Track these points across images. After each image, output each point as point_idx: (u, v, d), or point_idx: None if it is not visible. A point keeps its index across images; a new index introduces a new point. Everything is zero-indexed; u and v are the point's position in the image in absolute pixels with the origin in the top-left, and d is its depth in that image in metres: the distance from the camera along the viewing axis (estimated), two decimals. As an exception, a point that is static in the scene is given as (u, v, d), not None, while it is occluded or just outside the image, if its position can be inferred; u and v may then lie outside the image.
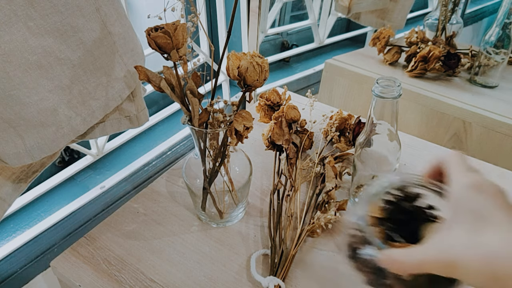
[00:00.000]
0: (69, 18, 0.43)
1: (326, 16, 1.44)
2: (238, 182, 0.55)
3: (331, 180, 0.59)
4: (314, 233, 0.56)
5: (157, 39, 0.41)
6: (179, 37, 0.42)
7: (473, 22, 1.91)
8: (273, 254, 0.52)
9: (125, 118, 0.57)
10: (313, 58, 1.56)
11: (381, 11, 1.24)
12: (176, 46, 0.42)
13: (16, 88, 0.41)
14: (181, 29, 0.42)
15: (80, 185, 0.92)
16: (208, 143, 0.50)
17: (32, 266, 0.77)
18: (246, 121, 0.47)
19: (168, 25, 0.41)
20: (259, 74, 0.45)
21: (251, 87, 0.47)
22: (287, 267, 0.51)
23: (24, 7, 0.40)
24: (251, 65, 0.44)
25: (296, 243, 0.53)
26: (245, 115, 0.48)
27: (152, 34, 0.41)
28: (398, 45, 1.02)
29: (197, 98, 0.46)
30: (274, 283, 0.48)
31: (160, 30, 0.41)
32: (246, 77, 0.45)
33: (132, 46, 0.53)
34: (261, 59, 0.45)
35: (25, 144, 0.45)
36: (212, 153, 0.51)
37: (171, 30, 0.41)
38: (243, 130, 0.47)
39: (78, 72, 0.47)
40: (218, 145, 0.51)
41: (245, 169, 0.56)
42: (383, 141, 0.56)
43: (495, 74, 0.94)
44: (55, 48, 0.43)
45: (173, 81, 0.45)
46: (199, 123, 0.48)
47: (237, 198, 0.56)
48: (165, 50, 0.42)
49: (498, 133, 0.83)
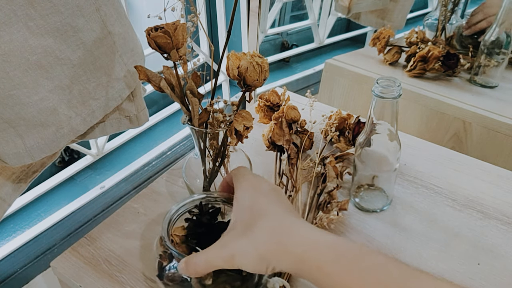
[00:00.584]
0: (69, 18, 0.43)
1: (326, 16, 1.44)
2: None
3: (333, 180, 0.59)
4: (314, 233, 0.56)
5: (157, 39, 0.41)
6: (179, 37, 0.42)
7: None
8: None
9: (125, 118, 0.57)
10: (313, 58, 1.56)
11: (381, 11, 1.24)
12: (176, 46, 0.42)
13: (16, 88, 0.41)
14: (181, 29, 0.42)
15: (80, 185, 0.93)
16: (208, 143, 0.51)
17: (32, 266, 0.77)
18: (246, 121, 0.47)
19: (168, 25, 0.41)
20: (259, 74, 0.45)
21: (251, 87, 0.47)
22: None
23: (24, 7, 0.40)
24: (251, 65, 0.44)
25: (298, 243, 0.53)
26: (245, 115, 0.48)
27: (152, 34, 0.41)
28: (398, 45, 1.02)
29: (197, 98, 0.46)
30: (279, 283, 0.47)
31: (160, 30, 0.41)
32: (246, 77, 0.45)
33: (132, 46, 0.53)
34: (261, 59, 0.45)
35: (25, 144, 0.45)
36: (212, 153, 0.51)
37: (171, 30, 0.41)
38: (243, 130, 0.47)
39: (78, 72, 0.47)
40: (218, 145, 0.51)
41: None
42: (383, 141, 0.56)
43: (495, 74, 0.94)
44: (55, 48, 0.43)
45: (173, 81, 0.45)
46: (199, 123, 0.48)
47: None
48: (165, 50, 0.43)
49: (498, 133, 0.83)
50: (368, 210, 0.61)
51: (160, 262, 0.45)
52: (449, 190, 0.65)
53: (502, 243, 0.56)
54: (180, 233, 0.45)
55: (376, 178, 0.60)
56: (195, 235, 0.45)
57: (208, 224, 0.46)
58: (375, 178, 0.60)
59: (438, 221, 0.60)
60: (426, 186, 0.66)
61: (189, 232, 0.46)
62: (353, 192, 0.62)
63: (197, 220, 0.46)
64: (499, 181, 0.68)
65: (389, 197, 0.61)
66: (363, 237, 0.57)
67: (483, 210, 0.62)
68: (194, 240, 0.45)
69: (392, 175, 0.59)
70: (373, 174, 0.60)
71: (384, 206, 0.61)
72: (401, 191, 0.65)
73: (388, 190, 0.61)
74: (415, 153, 0.74)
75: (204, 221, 0.46)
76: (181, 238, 0.45)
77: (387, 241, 0.56)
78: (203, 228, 0.45)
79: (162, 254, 0.44)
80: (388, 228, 0.58)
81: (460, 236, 0.57)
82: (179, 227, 0.46)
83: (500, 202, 0.63)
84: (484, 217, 0.60)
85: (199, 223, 0.46)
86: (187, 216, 0.47)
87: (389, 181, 0.60)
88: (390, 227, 0.58)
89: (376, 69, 1.00)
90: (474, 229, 0.58)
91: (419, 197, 0.64)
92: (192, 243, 0.45)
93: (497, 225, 0.59)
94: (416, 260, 0.54)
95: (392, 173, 0.58)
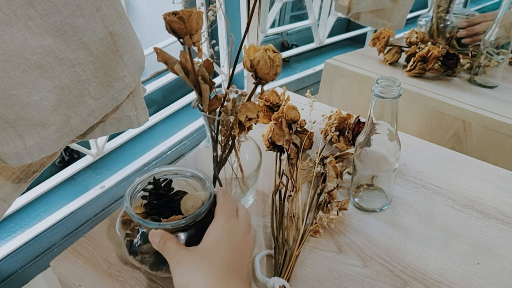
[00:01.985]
0: (69, 18, 0.43)
1: (326, 16, 1.44)
2: (248, 170, 0.56)
3: (333, 180, 0.59)
4: (316, 233, 0.56)
5: (172, 23, 0.43)
6: (193, 24, 0.44)
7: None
8: (277, 254, 0.52)
9: (125, 118, 0.57)
10: (313, 58, 1.55)
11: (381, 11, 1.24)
12: (189, 32, 0.44)
13: (16, 88, 0.41)
14: (196, 16, 0.43)
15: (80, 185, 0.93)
16: (219, 130, 0.52)
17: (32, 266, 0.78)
18: (249, 112, 0.48)
19: (183, 11, 0.43)
20: (270, 68, 0.47)
21: (262, 80, 0.48)
22: (291, 267, 0.51)
23: (24, 7, 0.40)
24: (263, 59, 0.46)
25: (299, 243, 0.53)
26: (250, 106, 0.48)
27: (168, 18, 0.43)
28: (398, 45, 1.02)
29: (209, 85, 0.48)
30: (279, 283, 0.47)
31: (176, 15, 0.43)
32: (257, 69, 0.47)
33: (132, 46, 0.53)
34: (274, 53, 0.47)
35: (25, 144, 0.45)
36: (222, 139, 0.53)
37: (185, 16, 0.43)
38: (245, 121, 0.48)
39: (78, 72, 0.47)
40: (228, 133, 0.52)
41: (255, 157, 0.57)
42: (382, 141, 0.56)
43: (495, 74, 0.94)
44: (55, 48, 0.43)
45: (188, 65, 0.47)
46: (210, 109, 0.50)
47: (246, 186, 0.57)
48: (179, 34, 0.45)
49: (498, 133, 0.83)
50: (367, 210, 0.61)
51: (130, 241, 0.48)
52: (449, 190, 0.65)
53: (501, 243, 0.56)
54: (140, 211, 0.48)
55: (375, 178, 0.60)
56: (155, 208, 0.48)
57: (165, 194, 0.49)
58: (375, 178, 0.60)
59: (437, 221, 0.60)
60: (425, 186, 0.66)
61: (148, 207, 0.48)
62: (353, 192, 0.62)
63: (155, 193, 0.49)
64: (499, 181, 0.68)
65: (389, 197, 0.61)
66: (362, 237, 0.57)
67: (482, 210, 0.62)
68: (154, 211, 0.48)
69: (392, 175, 0.59)
70: (372, 174, 0.60)
71: (384, 206, 0.61)
72: (400, 191, 0.65)
73: (387, 190, 0.61)
74: (415, 153, 0.74)
75: (162, 192, 0.49)
76: (142, 215, 0.48)
77: (387, 241, 0.56)
78: (163, 199, 0.48)
79: (130, 232, 0.48)
80: (387, 228, 0.58)
81: (459, 236, 0.57)
82: (136, 207, 0.49)
83: (500, 202, 0.63)
84: (483, 217, 0.60)
85: (157, 195, 0.49)
86: (143, 194, 0.50)
87: (388, 181, 0.60)
88: (390, 227, 0.58)
89: (376, 69, 1.00)
90: (474, 229, 0.58)
91: (419, 197, 0.64)
92: (156, 214, 0.48)
93: (497, 225, 0.59)
94: (415, 260, 0.54)
95: (392, 173, 0.58)
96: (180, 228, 0.45)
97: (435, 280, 0.51)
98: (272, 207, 0.58)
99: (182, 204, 0.48)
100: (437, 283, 0.51)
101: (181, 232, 0.45)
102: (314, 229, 0.56)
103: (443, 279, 0.51)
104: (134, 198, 0.49)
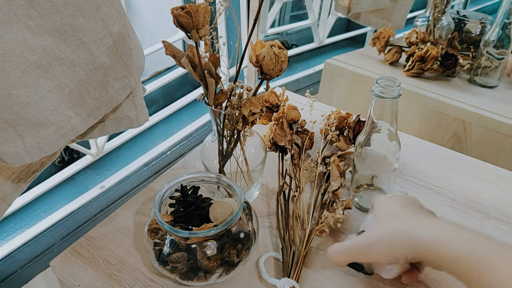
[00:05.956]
0: (69, 17, 0.43)
1: (326, 16, 1.44)
2: (253, 163, 0.57)
3: (337, 179, 0.59)
4: (322, 233, 0.56)
5: (179, 17, 0.44)
6: (200, 18, 0.44)
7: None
8: (285, 255, 0.52)
9: (125, 118, 0.57)
10: (313, 58, 1.56)
11: (381, 11, 1.24)
12: (196, 27, 0.45)
13: (15, 87, 0.41)
14: (203, 11, 0.44)
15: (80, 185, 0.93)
16: (224, 124, 0.53)
17: (32, 266, 0.77)
18: (253, 107, 0.48)
19: (191, 5, 0.44)
20: (275, 64, 0.47)
21: (267, 76, 0.48)
22: (300, 267, 0.51)
23: (23, 7, 0.40)
24: (268, 55, 0.46)
25: (306, 243, 0.53)
26: (254, 101, 0.49)
27: (175, 12, 0.44)
28: (398, 45, 1.02)
29: (215, 79, 0.48)
30: (289, 284, 0.47)
31: (183, 10, 0.44)
32: (263, 65, 0.47)
33: (132, 46, 0.53)
34: (279, 49, 0.47)
35: (24, 144, 0.45)
36: (228, 133, 0.53)
37: (193, 11, 0.44)
38: (248, 115, 0.48)
39: (78, 71, 0.47)
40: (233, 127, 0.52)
41: (260, 151, 0.58)
42: (382, 141, 0.56)
43: (495, 74, 0.94)
44: (55, 48, 0.43)
45: (195, 59, 0.48)
46: (216, 103, 0.50)
47: (251, 179, 0.57)
48: (186, 29, 0.45)
49: (498, 133, 0.83)
50: (367, 210, 0.61)
51: (159, 250, 0.46)
52: (448, 190, 0.65)
53: (501, 243, 0.56)
54: (167, 219, 0.47)
55: (375, 178, 0.60)
56: (183, 216, 0.48)
57: (193, 202, 0.49)
58: (375, 178, 0.60)
59: (437, 221, 0.59)
60: (425, 186, 0.66)
61: (176, 215, 0.48)
62: (353, 192, 0.62)
63: (183, 201, 0.49)
64: (499, 181, 0.68)
65: (389, 197, 0.61)
66: (362, 237, 0.57)
67: (482, 210, 0.62)
68: (182, 219, 0.48)
69: (392, 175, 0.59)
70: (372, 174, 0.60)
71: (384, 206, 0.61)
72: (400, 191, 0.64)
73: (387, 190, 0.61)
74: (415, 153, 0.74)
75: (190, 200, 0.49)
76: (170, 223, 0.47)
77: (387, 241, 0.56)
78: (192, 206, 0.48)
79: (159, 241, 0.47)
80: (387, 228, 0.58)
81: (459, 236, 0.57)
82: (163, 215, 0.48)
83: (499, 202, 0.63)
84: (483, 217, 0.60)
85: (186, 203, 0.48)
86: (170, 202, 0.49)
87: (388, 181, 0.60)
88: (390, 227, 0.58)
89: (376, 69, 1.00)
90: (474, 229, 0.58)
91: (419, 197, 0.63)
92: (184, 222, 0.48)
93: (497, 225, 0.59)
94: (415, 260, 0.54)
95: (392, 173, 0.58)
96: (211, 237, 0.44)
97: (435, 280, 0.51)
98: (277, 208, 0.58)
99: (211, 211, 0.47)
100: (437, 283, 0.51)
101: (212, 240, 0.45)
102: (320, 228, 0.55)
103: (443, 279, 0.51)
104: (162, 205, 0.48)
